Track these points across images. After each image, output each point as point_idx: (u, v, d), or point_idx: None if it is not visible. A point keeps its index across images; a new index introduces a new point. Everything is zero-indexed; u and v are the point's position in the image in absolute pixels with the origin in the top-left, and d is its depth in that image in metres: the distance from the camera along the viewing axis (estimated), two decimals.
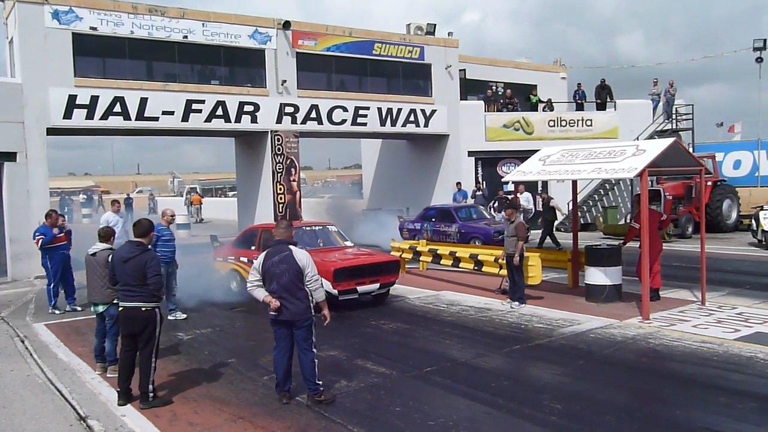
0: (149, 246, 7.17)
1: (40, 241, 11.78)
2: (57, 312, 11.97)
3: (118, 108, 18.64)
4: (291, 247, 6.83)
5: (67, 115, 17.94)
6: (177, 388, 7.48)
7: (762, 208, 18.93)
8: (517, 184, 19.83)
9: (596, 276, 11.44)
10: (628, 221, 20.62)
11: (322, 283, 7.00)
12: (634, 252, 11.41)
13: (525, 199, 20.31)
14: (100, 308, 7.93)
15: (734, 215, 23.23)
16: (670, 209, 20.71)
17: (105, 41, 18.71)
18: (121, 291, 6.96)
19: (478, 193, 23.58)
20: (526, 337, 9.46)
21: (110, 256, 7.51)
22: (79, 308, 12.04)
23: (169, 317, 10.95)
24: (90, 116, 18.29)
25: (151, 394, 6.90)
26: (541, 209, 20.83)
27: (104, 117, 18.49)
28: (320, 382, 6.82)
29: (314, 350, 6.83)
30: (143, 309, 6.85)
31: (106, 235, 8.20)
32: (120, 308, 7.02)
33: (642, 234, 10.34)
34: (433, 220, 19.83)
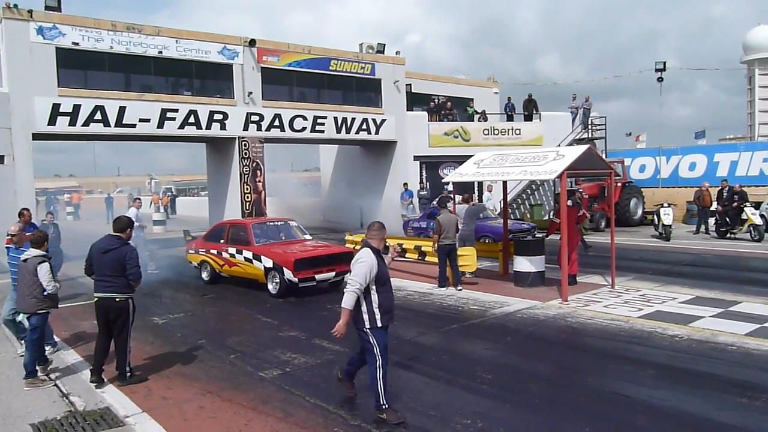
0: (128, 241, 6.83)
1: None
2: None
3: (98, 116, 18.15)
4: (363, 248, 5.67)
5: (51, 121, 17.42)
6: (152, 367, 7.34)
7: (662, 206, 19.49)
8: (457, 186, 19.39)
9: (523, 264, 11.63)
10: (550, 216, 20.98)
11: (356, 287, 5.42)
12: (556, 243, 11.64)
13: (487, 198, 20.38)
14: (20, 316, 7.19)
15: (640, 212, 23.85)
16: (587, 206, 21.12)
17: (86, 55, 18.14)
18: (96, 281, 6.68)
19: (422, 192, 23.67)
20: (462, 318, 9.56)
21: (90, 250, 6.90)
22: None
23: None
24: (73, 123, 17.77)
25: (128, 374, 6.74)
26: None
27: (86, 124, 17.99)
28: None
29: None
30: (117, 300, 6.62)
31: (39, 240, 6.90)
32: (95, 298, 6.71)
33: (562, 228, 10.55)
34: None
